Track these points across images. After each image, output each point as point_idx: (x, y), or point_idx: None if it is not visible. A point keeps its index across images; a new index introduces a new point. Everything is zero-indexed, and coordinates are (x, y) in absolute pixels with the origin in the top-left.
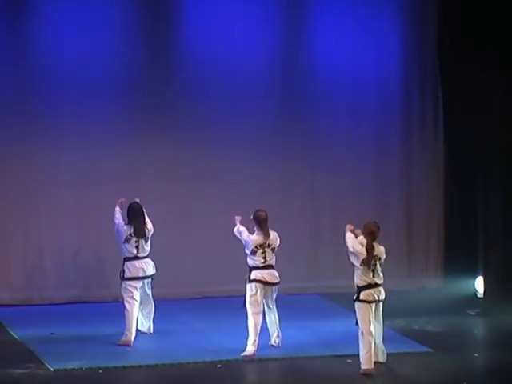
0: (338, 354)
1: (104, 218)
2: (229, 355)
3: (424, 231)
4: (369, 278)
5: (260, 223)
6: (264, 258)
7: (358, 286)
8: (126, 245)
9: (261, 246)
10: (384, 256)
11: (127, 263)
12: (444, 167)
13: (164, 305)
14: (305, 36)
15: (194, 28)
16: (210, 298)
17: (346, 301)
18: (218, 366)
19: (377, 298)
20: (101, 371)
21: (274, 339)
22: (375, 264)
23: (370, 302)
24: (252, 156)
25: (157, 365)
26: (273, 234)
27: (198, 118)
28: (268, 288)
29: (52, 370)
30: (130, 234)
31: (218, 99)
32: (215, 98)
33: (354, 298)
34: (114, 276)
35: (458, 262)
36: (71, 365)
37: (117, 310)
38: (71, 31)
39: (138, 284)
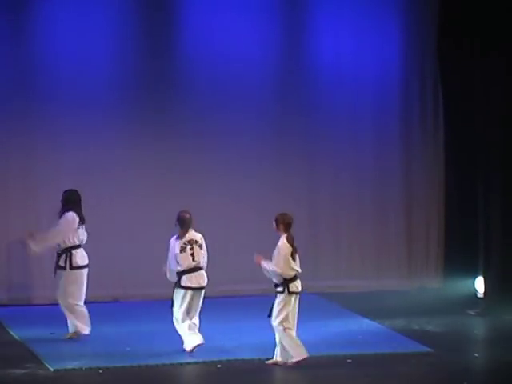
0: (338, 353)
1: (103, 218)
2: (229, 355)
3: (424, 231)
4: (294, 270)
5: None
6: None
7: (285, 279)
8: (79, 230)
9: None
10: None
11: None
12: (444, 167)
13: (164, 305)
14: (304, 35)
15: (194, 27)
16: (210, 298)
17: (346, 301)
18: (218, 366)
19: (299, 290)
20: (101, 371)
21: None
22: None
23: (296, 294)
24: (251, 155)
25: (157, 365)
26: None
27: (197, 116)
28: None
29: (52, 370)
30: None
31: (217, 98)
32: (215, 97)
33: (281, 289)
34: (113, 276)
35: (458, 262)
36: (71, 365)
37: (117, 310)
38: (71, 28)
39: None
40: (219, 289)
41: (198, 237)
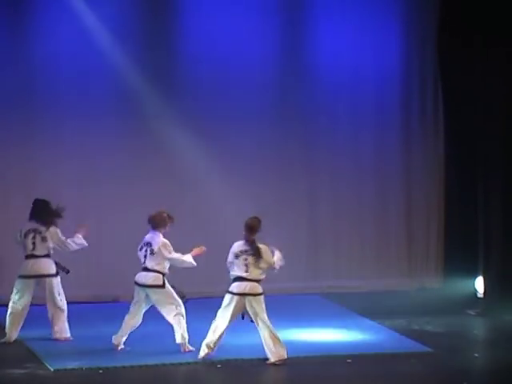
0: (338, 353)
1: (103, 218)
2: (229, 355)
3: (424, 231)
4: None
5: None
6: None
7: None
8: (25, 241)
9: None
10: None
11: None
12: (444, 167)
13: None
14: (304, 33)
15: (194, 28)
16: (209, 298)
17: (346, 301)
18: (218, 366)
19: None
20: (101, 371)
21: None
22: (246, 258)
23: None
24: (251, 155)
25: (157, 365)
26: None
27: (197, 118)
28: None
29: (52, 370)
30: (28, 230)
31: (217, 99)
32: (215, 98)
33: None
34: (113, 276)
35: (458, 261)
36: (71, 365)
37: (117, 310)
38: (71, 27)
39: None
40: (219, 288)
41: (155, 242)
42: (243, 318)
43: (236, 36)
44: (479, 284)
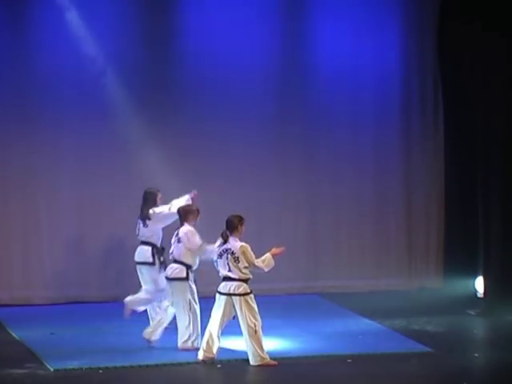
0: (338, 353)
1: (104, 217)
2: (229, 355)
3: (424, 231)
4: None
5: None
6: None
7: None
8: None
9: None
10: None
11: None
12: (444, 167)
13: None
14: (304, 34)
15: (194, 28)
16: (210, 298)
17: (346, 301)
18: (218, 366)
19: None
20: (101, 371)
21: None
22: (227, 257)
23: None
24: (251, 155)
25: (157, 365)
26: None
27: (197, 118)
28: None
29: (52, 370)
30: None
31: (217, 99)
32: (215, 98)
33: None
34: (114, 276)
35: (458, 261)
36: (71, 365)
37: (117, 310)
38: (70, 29)
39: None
40: None
41: (181, 231)
42: (234, 318)
43: (236, 35)
44: (479, 284)
